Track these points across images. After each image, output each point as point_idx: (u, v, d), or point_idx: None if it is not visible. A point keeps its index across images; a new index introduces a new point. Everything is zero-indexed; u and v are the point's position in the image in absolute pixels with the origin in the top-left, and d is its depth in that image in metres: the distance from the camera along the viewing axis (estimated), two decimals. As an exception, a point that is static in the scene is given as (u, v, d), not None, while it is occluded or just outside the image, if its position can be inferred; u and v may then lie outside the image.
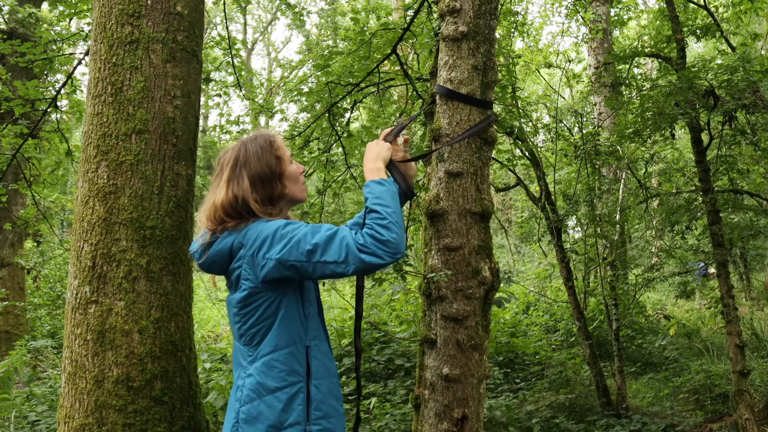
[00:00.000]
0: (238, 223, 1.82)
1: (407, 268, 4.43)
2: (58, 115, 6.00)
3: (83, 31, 6.20)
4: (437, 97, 2.53)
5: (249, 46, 27.07)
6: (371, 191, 1.87)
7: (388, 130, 2.16)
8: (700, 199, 5.14)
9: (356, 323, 2.08)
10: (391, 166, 2.06)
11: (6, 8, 7.48)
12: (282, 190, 1.90)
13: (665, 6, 5.76)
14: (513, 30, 6.87)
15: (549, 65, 10.25)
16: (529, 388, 5.94)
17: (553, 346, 7.21)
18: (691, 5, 7.44)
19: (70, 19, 6.65)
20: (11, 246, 8.22)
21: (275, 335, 1.80)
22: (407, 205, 5.22)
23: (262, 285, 1.78)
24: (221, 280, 2.14)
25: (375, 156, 2.01)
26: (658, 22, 8.35)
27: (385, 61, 4.82)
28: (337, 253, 1.71)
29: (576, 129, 6.98)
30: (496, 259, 2.64)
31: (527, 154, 5.59)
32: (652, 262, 6.69)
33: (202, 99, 5.01)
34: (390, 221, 1.76)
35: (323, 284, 7.60)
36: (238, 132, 6.81)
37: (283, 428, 1.76)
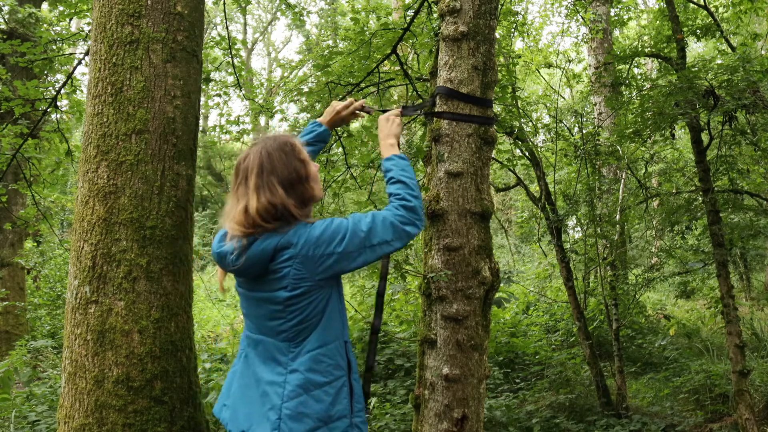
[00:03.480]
0: (279, 226, 1.83)
1: (407, 268, 4.43)
2: (58, 115, 6.00)
3: (83, 31, 6.20)
4: (437, 98, 2.53)
5: (249, 46, 27.08)
6: (396, 164, 2.06)
7: (399, 109, 2.30)
8: (700, 199, 5.14)
9: (371, 337, 2.19)
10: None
11: (6, 8, 7.47)
12: (311, 192, 1.93)
13: (665, 6, 5.76)
14: (513, 30, 6.87)
15: (549, 65, 10.24)
16: (529, 388, 5.94)
17: (553, 346, 7.21)
18: (691, 5, 7.45)
19: (70, 19, 6.65)
20: (11, 246, 8.22)
21: (322, 331, 1.84)
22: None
23: (315, 283, 1.82)
24: (212, 281, 2.13)
25: (387, 133, 2.19)
26: (658, 22, 8.35)
27: (385, 61, 4.82)
28: (383, 232, 1.85)
29: (576, 129, 6.98)
30: (496, 259, 2.64)
31: (527, 154, 5.59)
32: (652, 262, 6.70)
33: (202, 99, 5.01)
34: (416, 192, 1.95)
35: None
36: (238, 132, 6.81)
37: (332, 422, 1.80)
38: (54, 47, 6.15)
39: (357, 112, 2.45)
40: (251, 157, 1.90)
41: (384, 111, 2.53)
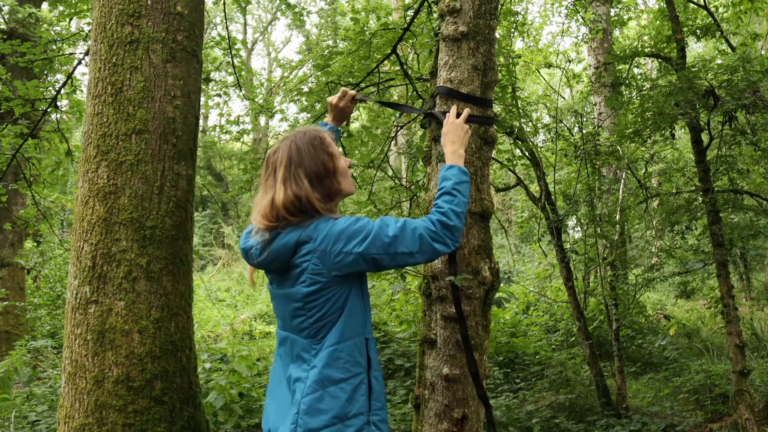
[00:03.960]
0: (302, 219, 1.83)
1: (407, 268, 4.43)
2: (58, 115, 6.00)
3: (83, 31, 6.20)
4: (437, 98, 2.53)
5: (249, 46, 27.07)
6: (455, 176, 1.99)
7: (467, 112, 2.28)
8: (700, 199, 5.14)
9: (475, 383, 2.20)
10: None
11: (6, 8, 7.47)
12: (338, 186, 1.93)
13: (665, 6, 5.76)
14: (513, 30, 6.87)
15: (549, 65, 10.24)
16: (529, 388, 5.94)
17: (553, 346, 7.21)
18: (691, 5, 7.45)
19: (70, 19, 6.65)
20: (11, 246, 8.22)
21: (341, 327, 1.83)
22: (407, 205, 5.22)
23: (332, 279, 1.81)
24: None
25: (461, 142, 2.15)
26: (658, 22, 8.36)
27: (385, 61, 4.82)
28: (411, 243, 1.81)
29: (576, 129, 6.98)
30: (496, 259, 2.64)
31: (527, 154, 5.59)
32: (652, 262, 6.69)
33: (202, 99, 5.01)
34: (462, 211, 1.91)
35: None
36: (238, 132, 6.81)
37: (348, 419, 1.79)
38: (54, 47, 6.15)
39: (356, 99, 2.42)
40: (281, 150, 1.91)
41: (380, 102, 2.54)
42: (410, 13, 4.70)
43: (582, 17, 9.87)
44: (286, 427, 1.81)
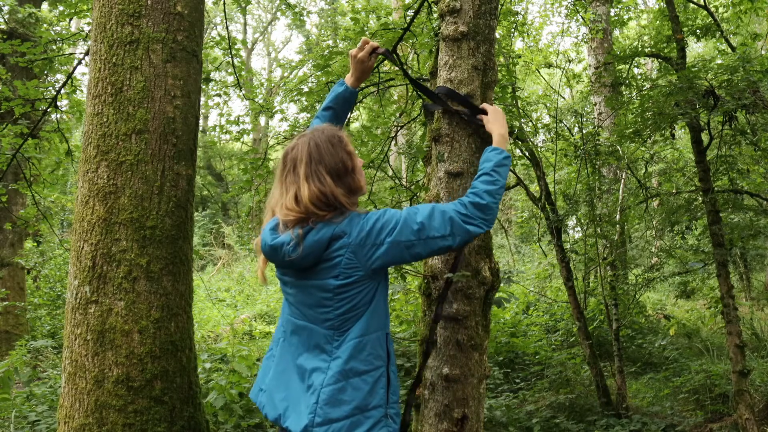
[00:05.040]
0: (333, 215, 1.85)
1: (407, 268, 4.43)
2: (58, 115, 6.00)
3: (83, 31, 6.21)
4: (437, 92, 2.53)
5: (249, 46, 27.07)
6: (497, 159, 2.03)
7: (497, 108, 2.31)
8: (700, 199, 5.14)
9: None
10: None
11: (6, 8, 7.47)
12: (358, 183, 1.95)
13: (665, 6, 5.76)
14: (513, 30, 6.87)
15: (549, 65, 10.25)
16: (529, 388, 5.94)
17: (553, 346, 7.21)
18: (691, 5, 7.45)
19: (70, 19, 6.65)
20: (11, 246, 8.22)
21: (366, 320, 1.86)
22: (407, 205, 5.22)
23: (365, 273, 1.83)
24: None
25: (504, 124, 2.21)
26: (658, 22, 8.36)
27: (385, 61, 4.82)
28: (442, 226, 1.83)
29: (576, 129, 6.98)
30: (496, 259, 2.64)
31: (527, 154, 5.59)
32: (652, 262, 6.69)
33: (202, 99, 5.01)
34: (498, 191, 1.93)
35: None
36: (238, 132, 6.81)
37: (368, 410, 1.82)
38: (54, 47, 6.15)
39: (377, 52, 2.39)
40: (299, 147, 1.93)
41: (387, 52, 2.48)
42: (410, 13, 4.70)
43: (582, 17, 9.87)
44: (301, 415, 1.82)
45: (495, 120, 2.23)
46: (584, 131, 6.04)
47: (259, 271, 2.07)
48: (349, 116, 5.35)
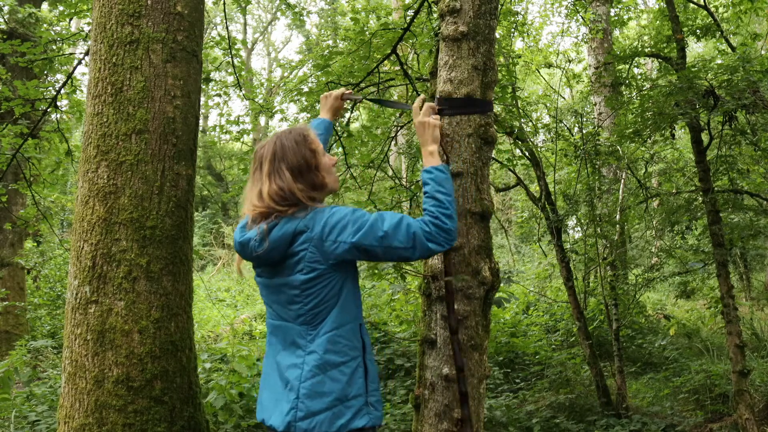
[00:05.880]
0: (296, 210, 1.92)
1: (407, 268, 4.43)
2: (58, 115, 6.00)
3: (83, 31, 6.20)
4: (436, 98, 2.53)
5: (249, 46, 27.07)
6: (434, 178, 2.02)
7: (428, 106, 2.24)
8: (700, 199, 5.14)
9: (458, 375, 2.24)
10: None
11: (6, 8, 7.47)
12: (321, 180, 2.01)
13: (665, 6, 5.76)
14: (513, 30, 6.87)
15: (549, 65, 10.25)
16: (529, 388, 5.94)
17: (553, 346, 7.21)
18: (691, 5, 7.45)
19: (70, 19, 6.65)
20: (11, 246, 8.22)
21: (338, 313, 1.91)
22: (407, 205, 5.22)
23: (329, 267, 1.88)
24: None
25: (428, 139, 2.16)
26: (658, 22, 8.36)
27: (385, 61, 4.82)
28: (405, 238, 1.87)
29: (576, 129, 6.98)
30: (496, 259, 2.64)
31: (527, 154, 5.59)
32: (652, 262, 6.69)
33: (202, 99, 5.01)
34: (451, 211, 1.94)
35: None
36: (238, 132, 6.81)
37: (348, 400, 1.87)
38: (54, 47, 6.15)
39: (345, 98, 2.58)
40: (267, 146, 2.03)
41: (376, 100, 2.62)
42: (410, 13, 4.70)
43: (582, 17, 9.87)
44: (281, 411, 1.88)
45: (421, 136, 2.18)
46: (584, 131, 6.04)
47: (236, 266, 2.17)
48: (348, 116, 5.36)
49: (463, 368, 2.25)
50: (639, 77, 6.91)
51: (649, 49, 6.29)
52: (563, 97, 12.90)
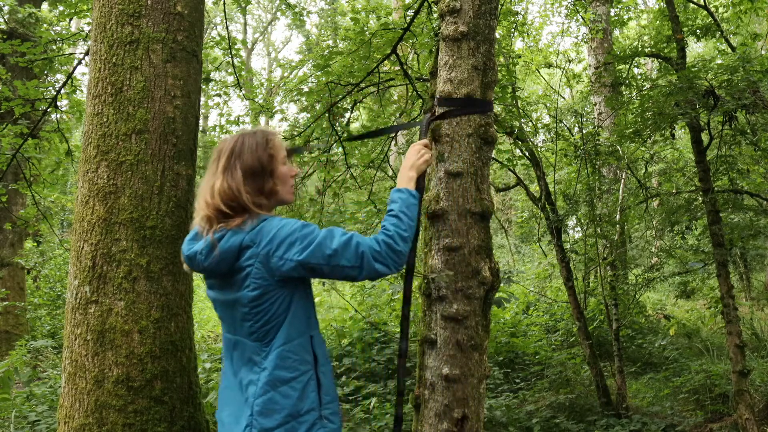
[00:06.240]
0: (243, 221, 1.85)
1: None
2: (58, 115, 6.00)
3: (83, 31, 6.20)
4: (437, 98, 2.53)
5: (249, 46, 27.06)
6: (404, 200, 1.99)
7: (424, 141, 2.22)
8: (700, 199, 5.14)
9: (400, 361, 2.23)
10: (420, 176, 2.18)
11: (6, 8, 7.47)
12: (272, 187, 1.94)
13: (665, 6, 5.76)
14: (513, 30, 6.87)
15: (549, 65, 10.24)
16: (529, 388, 5.94)
17: (553, 346, 7.21)
18: (691, 5, 7.44)
19: (70, 19, 6.65)
20: (11, 246, 8.22)
21: (287, 329, 1.86)
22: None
23: (274, 283, 1.83)
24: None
25: (412, 164, 2.13)
26: (658, 22, 8.35)
27: (385, 61, 4.82)
28: (353, 258, 1.82)
29: (576, 129, 6.98)
30: (496, 259, 2.64)
31: (527, 154, 5.59)
32: (652, 262, 6.69)
33: (202, 99, 5.01)
34: (409, 235, 1.91)
35: (323, 284, 7.59)
36: (238, 132, 6.80)
37: (300, 416, 1.83)
38: (54, 47, 6.15)
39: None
40: (228, 141, 1.98)
41: (385, 129, 2.52)
42: (410, 13, 4.70)
43: (582, 17, 9.87)
44: (240, 428, 1.84)
45: (408, 158, 2.16)
46: (584, 131, 6.04)
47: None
48: (348, 116, 5.36)
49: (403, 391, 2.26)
50: (639, 77, 6.91)
51: (649, 49, 6.29)
52: (563, 97, 12.90)
